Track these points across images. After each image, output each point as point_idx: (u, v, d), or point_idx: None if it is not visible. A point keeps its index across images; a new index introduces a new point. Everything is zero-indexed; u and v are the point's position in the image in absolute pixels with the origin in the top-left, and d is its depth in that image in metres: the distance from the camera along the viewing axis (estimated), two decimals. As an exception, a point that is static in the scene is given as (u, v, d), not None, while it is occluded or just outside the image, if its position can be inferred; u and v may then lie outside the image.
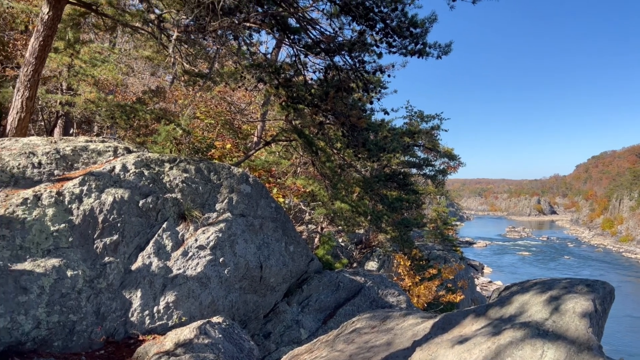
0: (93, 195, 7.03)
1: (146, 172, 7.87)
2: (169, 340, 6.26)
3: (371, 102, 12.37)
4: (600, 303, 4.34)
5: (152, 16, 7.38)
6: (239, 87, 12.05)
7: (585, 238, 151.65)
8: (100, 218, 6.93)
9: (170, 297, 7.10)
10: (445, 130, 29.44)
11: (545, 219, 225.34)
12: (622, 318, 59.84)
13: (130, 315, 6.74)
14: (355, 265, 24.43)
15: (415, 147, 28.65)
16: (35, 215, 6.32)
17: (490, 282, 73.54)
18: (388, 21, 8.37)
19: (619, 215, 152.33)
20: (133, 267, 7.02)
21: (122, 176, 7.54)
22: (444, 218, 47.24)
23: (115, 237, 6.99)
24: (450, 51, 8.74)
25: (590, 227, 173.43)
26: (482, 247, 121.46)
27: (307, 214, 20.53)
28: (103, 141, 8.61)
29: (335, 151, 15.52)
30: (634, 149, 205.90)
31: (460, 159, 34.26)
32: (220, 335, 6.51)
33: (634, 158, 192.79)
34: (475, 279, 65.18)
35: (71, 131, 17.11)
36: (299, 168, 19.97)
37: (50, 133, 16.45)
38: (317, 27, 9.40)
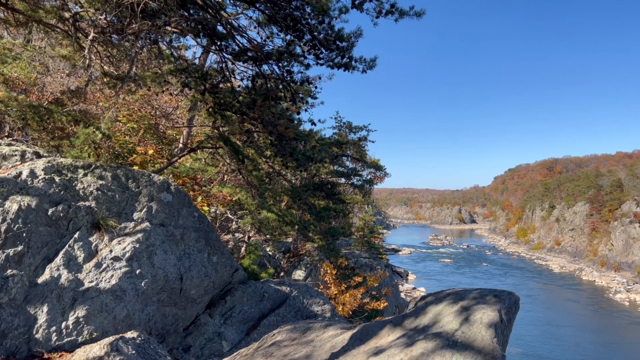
0: (-5, 202, 6.52)
1: (57, 179, 7.40)
2: (77, 358, 5.90)
3: (299, 112, 12.42)
4: (506, 313, 4.57)
5: (67, 14, 6.98)
6: (163, 91, 11.67)
7: (501, 246, 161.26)
8: (3, 227, 6.43)
9: (80, 312, 6.70)
10: (372, 142, 30.27)
11: (466, 228, 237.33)
12: (534, 322, 63.81)
13: (34, 332, 6.28)
14: (282, 274, 24.32)
15: (343, 157, 29.11)
16: None
17: (414, 288, 75.98)
18: (315, 33, 8.44)
19: (531, 225, 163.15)
20: (39, 280, 6.56)
21: (29, 182, 7.05)
22: (370, 226, 48.35)
23: (19, 247, 6.50)
24: (375, 66, 8.96)
25: (506, 235, 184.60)
26: (407, 254, 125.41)
27: (234, 222, 20.21)
28: (10, 144, 8.02)
29: (264, 160, 15.39)
30: (545, 163, 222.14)
31: (385, 170, 35.24)
32: (133, 352, 6.21)
33: (545, 171, 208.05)
34: (400, 286, 67.16)
35: (-23, 131, 15.80)
36: (226, 176, 19.63)
37: (-48, 133, 15.10)
38: (246, 34, 9.30)
